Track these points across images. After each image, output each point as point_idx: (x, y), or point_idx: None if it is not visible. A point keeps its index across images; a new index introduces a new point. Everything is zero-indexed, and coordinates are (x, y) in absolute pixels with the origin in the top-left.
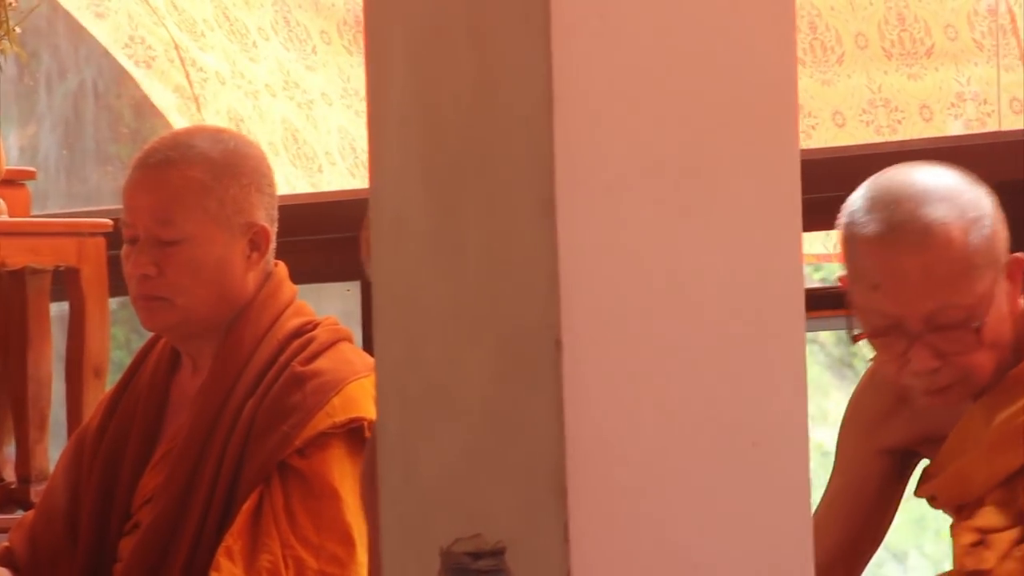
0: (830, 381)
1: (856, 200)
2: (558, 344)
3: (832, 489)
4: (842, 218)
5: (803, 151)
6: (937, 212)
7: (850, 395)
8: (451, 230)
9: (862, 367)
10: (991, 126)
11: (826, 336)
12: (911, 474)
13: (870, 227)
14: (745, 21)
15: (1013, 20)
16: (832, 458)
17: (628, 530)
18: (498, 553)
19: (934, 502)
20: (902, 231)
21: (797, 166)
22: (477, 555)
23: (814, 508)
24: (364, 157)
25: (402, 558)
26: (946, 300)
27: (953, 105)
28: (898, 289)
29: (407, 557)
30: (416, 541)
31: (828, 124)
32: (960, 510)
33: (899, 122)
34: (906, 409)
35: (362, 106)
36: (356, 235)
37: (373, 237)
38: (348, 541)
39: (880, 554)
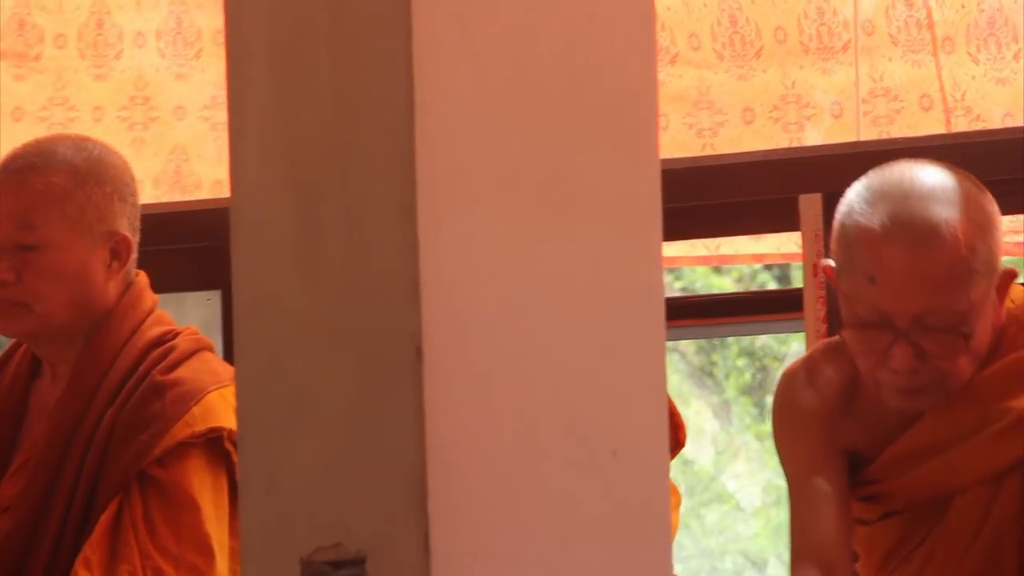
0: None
1: (859, 191)
2: (419, 352)
3: (811, 493)
4: (841, 208)
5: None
6: (946, 212)
7: (774, 400)
8: (312, 238)
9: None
10: (899, 123)
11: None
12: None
13: (875, 219)
14: (605, 32)
15: (929, 15)
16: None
17: (489, 538)
18: (359, 562)
19: (878, 501)
20: (909, 227)
21: (658, 176)
22: (338, 564)
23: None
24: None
25: (263, 567)
26: (941, 303)
27: (865, 101)
28: (894, 285)
29: (267, 566)
30: (277, 550)
31: (737, 121)
32: (913, 507)
33: (808, 119)
34: (851, 412)
35: (224, 117)
36: (217, 244)
37: (233, 245)
38: (207, 551)
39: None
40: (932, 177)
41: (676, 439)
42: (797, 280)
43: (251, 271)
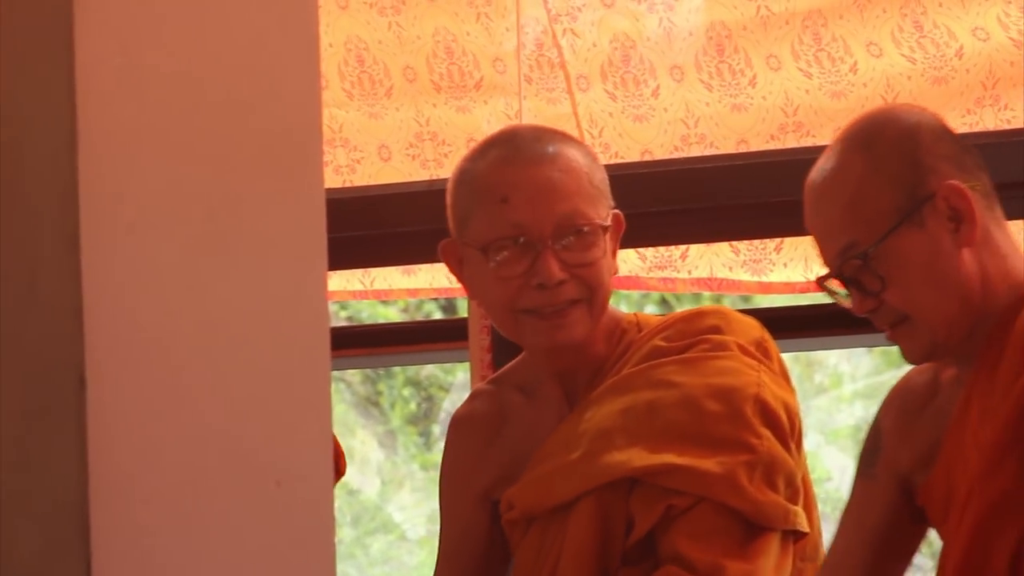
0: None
1: (466, 158)
2: (82, 381)
3: (443, 542)
4: (453, 178)
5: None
6: (557, 143)
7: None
8: None
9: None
10: None
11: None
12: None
13: (493, 154)
14: (270, 61)
15: (560, 54)
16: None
17: (152, 569)
18: None
19: (511, 512)
20: (528, 151)
21: (322, 205)
22: None
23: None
24: None
25: None
26: (573, 206)
27: None
28: (528, 196)
29: None
30: None
31: (374, 158)
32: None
33: (446, 155)
34: (495, 448)
35: None
36: None
37: None
38: None
39: None
40: (535, 127)
41: (336, 468)
42: (462, 310)
43: None
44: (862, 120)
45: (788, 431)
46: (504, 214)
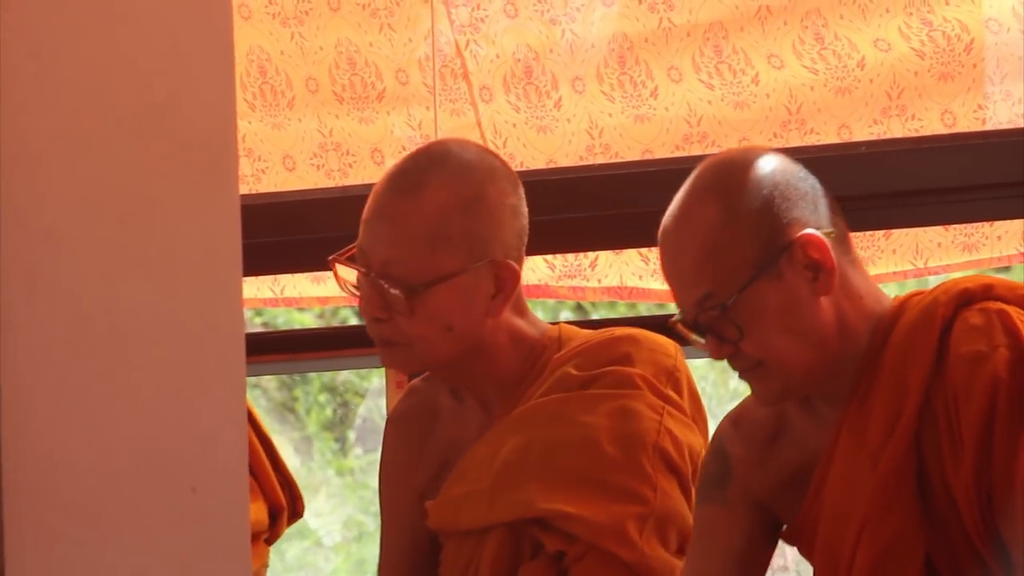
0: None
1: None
2: None
3: (385, 541)
4: None
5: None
6: (434, 178)
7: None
8: None
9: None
10: None
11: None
12: None
13: (388, 171)
14: (185, 67)
15: (464, 65)
16: None
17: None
18: None
19: (430, 520)
20: (404, 180)
21: (237, 211)
22: None
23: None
24: None
25: None
26: (393, 256)
27: (405, 148)
28: (369, 227)
29: None
30: None
31: (278, 168)
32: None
33: (350, 166)
34: (428, 446)
35: None
36: None
37: None
38: None
39: None
40: (448, 147)
41: (294, 510)
42: None
43: None
44: (715, 166)
45: (689, 476)
46: (360, 238)
